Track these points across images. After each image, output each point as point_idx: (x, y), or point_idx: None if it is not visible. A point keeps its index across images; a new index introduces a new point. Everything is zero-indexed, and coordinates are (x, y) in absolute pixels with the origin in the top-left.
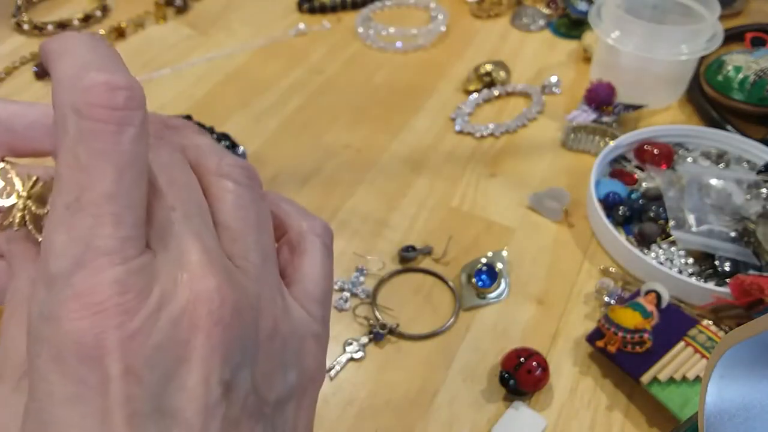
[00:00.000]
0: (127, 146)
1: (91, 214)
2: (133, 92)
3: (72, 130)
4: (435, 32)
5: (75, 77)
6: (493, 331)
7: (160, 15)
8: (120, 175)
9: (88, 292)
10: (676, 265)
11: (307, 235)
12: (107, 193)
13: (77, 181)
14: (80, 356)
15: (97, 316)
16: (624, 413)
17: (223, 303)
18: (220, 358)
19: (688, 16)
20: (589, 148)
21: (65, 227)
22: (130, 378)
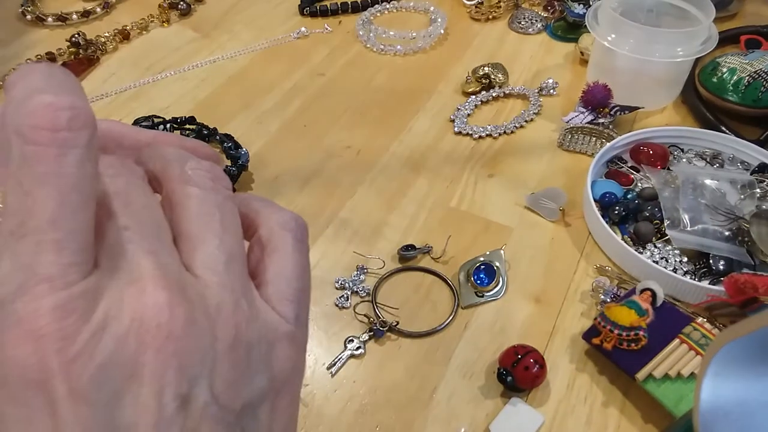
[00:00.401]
0: (71, 170)
1: (34, 241)
2: (78, 112)
3: (16, 154)
4: (434, 35)
5: (21, 101)
6: (491, 329)
7: (164, 18)
8: (63, 200)
9: (28, 318)
10: (671, 264)
11: (277, 231)
12: (50, 219)
13: (21, 207)
14: (24, 381)
15: (38, 341)
16: (620, 409)
17: (174, 316)
18: (174, 371)
19: (684, 18)
20: (586, 149)
21: (9, 254)
22: (76, 399)
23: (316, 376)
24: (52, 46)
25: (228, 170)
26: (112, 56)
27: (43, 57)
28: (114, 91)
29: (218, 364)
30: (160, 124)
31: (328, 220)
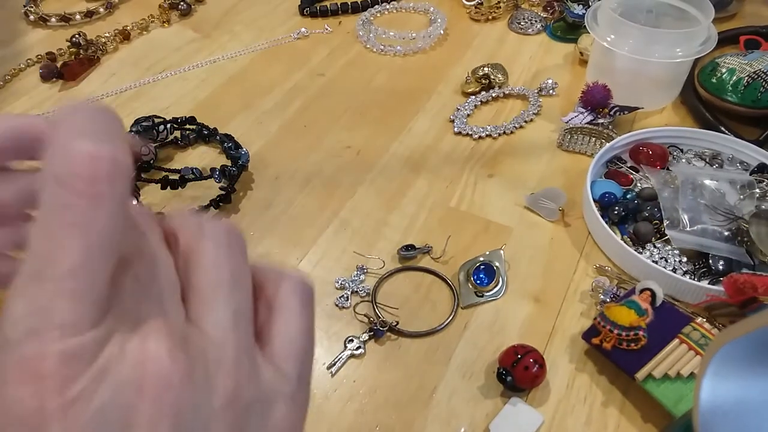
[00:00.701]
0: (101, 223)
1: (53, 288)
2: (117, 165)
3: (48, 197)
4: (434, 35)
5: (62, 145)
6: (490, 329)
7: (165, 18)
8: (88, 252)
9: (34, 361)
10: (671, 264)
11: (285, 293)
12: (72, 268)
13: (45, 252)
14: (21, 422)
15: (39, 384)
16: (619, 409)
17: (174, 367)
18: (168, 423)
19: (683, 19)
20: (585, 150)
21: (26, 297)
22: None
23: (316, 376)
24: (53, 46)
25: (228, 170)
26: (112, 56)
27: (44, 57)
28: (114, 91)
29: (214, 421)
30: (160, 124)
31: (328, 220)
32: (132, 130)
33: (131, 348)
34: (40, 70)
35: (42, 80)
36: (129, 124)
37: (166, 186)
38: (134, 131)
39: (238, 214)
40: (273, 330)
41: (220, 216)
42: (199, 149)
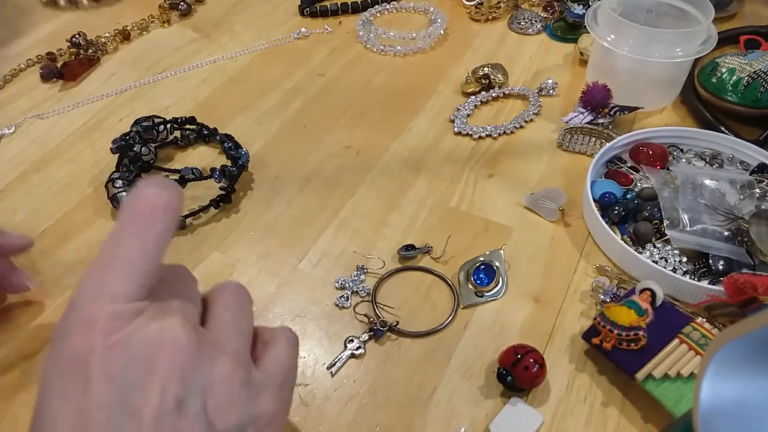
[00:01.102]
0: (153, 235)
1: (113, 271)
2: (171, 204)
3: (122, 215)
4: (434, 35)
5: (139, 188)
6: (491, 329)
7: (165, 18)
8: (141, 251)
9: (90, 315)
10: (671, 264)
11: (277, 334)
12: (128, 259)
13: (112, 248)
14: (73, 359)
15: (91, 331)
16: (619, 409)
17: (186, 337)
18: (177, 377)
19: (683, 19)
20: (585, 149)
21: (93, 275)
22: (106, 378)
23: (316, 375)
24: (53, 46)
25: (228, 170)
26: (112, 56)
27: (44, 57)
28: (114, 91)
29: (213, 387)
30: (160, 124)
31: (328, 220)
32: (132, 130)
33: (158, 320)
34: (40, 70)
35: (42, 80)
36: (129, 124)
37: None
38: (134, 131)
39: (238, 214)
40: (265, 355)
41: None
42: (199, 149)
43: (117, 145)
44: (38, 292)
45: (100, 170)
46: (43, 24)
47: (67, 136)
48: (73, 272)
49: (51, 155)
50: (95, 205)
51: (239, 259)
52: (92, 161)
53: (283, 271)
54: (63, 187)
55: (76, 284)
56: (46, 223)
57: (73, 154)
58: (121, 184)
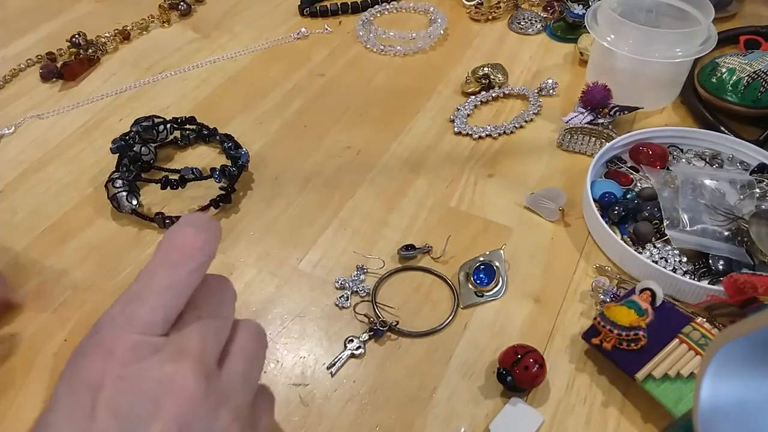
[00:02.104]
0: (185, 271)
1: (142, 302)
2: (208, 246)
3: (160, 250)
4: (434, 35)
5: (178, 225)
6: (491, 329)
7: (165, 18)
8: (171, 285)
9: (110, 341)
10: (671, 264)
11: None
12: (158, 292)
13: (145, 279)
14: (85, 382)
15: (108, 357)
16: (619, 409)
17: (195, 389)
18: (179, 424)
19: (683, 19)
20: (585, 149)
21: (122, 301)
22: (110, 410)
23: (316, 376)
24: (53, 46)
25: (228, 170)
26: (112, 56)
27: (44, 57)
28: (114, 91)
29: None
30: (160, 124)
31: (328, 220)
32: (132, 130)
33: (172, 361)
34: (40, 70)
35: (42, 80)
36: (129, 124)
37: (166, 186)
38: (134, 131)
39: (238, 214)
40: None
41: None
42: (199, 149)
43: (117, 145)
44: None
45: (100, 170)
46: (43, 24)
47: (67, 136)
48: (73, 272)
49: (51, 155)
50: (95, 205)
51: (239, 259)
52: (92, 161)
53: (283, 271)
54: (63, 187)
55: (76, 284)
56: (46, 223)
57: (73, 154)
58: (121, 184)
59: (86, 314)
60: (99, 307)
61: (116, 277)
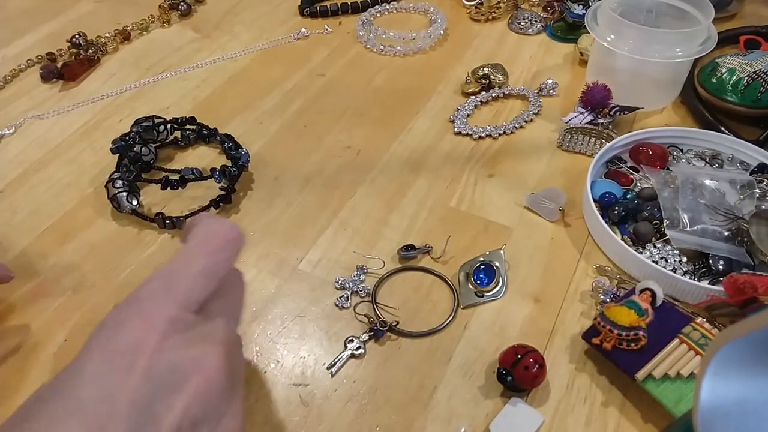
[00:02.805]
0: (221, 261)
1: (181, 282)
2: (239, 242)
3: (198, 235)
4: (434, 36)
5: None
6: (491, 329)
7: (165, 19)
8: (203, 270)
9: (152, 315)
10: (671, 264)
11: None
12: (195, 274)
13: (180, 263)
14: (126, 346)
15: (150, 327)
16: (619, 409)
17: (222, 369)
18: (202, 402)
19: (683, 19)
20: (585, 150)
21: (161, 278)
22: (146, 374)
23: (316, 376)
24: (53, 46)
25: (228, 170)
26: (112, 57)
27: (44, 57)
28: (114, 91)
29: (222, 419)
30: (160, 124)
31: (327, 219)
32: (132, 131)
33: (206, 343)
34: (40, 71)
35: (42, 80)
36: (129, 124)
37: (166, 186)
38: (134, 131)
39: (238, 214)
40: None
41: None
42: (199, 149)
43: (117, 145)
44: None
45: (100, 170)
46: (43, 24)
47: (67, 136)
48: (73, 272)
49: (51, 155)
50: (95, 205)
51: (239, 259)
52: (92, 161)
53: (283, 271)
54: (63, 187)
55: (76, 284)
56: (46, 223)
57: (73, 154)
58: (121, 184)
59: (86, 314)
60: (99, 307)
61: (116, 277)
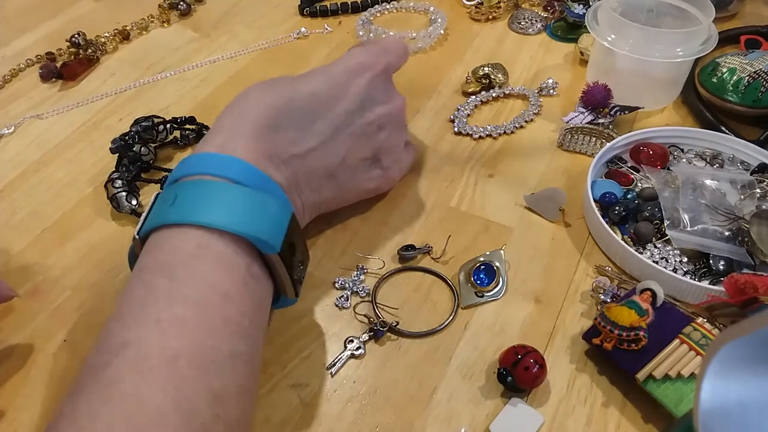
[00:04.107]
0: (397, 60)
1: (390, 53)
2: (406, 52)
3: (377, 46)
4: (434, 35)
5: (392, 41)
6: (491, 329)
7: (164, 18)
8: (386, 66)
9: (361, 56)
10: (671, 264)
11: None
12: (386, 65)
13: (367, 57)
14: (350, 67)
15: (366, 70)
16: (620, 410)
17: (378, 63)
18: (366, 90)
19: (683, 19)
20: (586, 149)
21: (342, 66)
22: (360, 91)
23: (316, 376)
24: (52, 46)
25: None
26: (112, 56)
27: (43, 57)
28: (114, 91)
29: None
30: (160, 124)
31: (328, 219)
32: (131, 130)
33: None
34: (39, 70)
35: (41, 80)
36: (129, 124)
37: None
38: (134, 131)
39: None
40: None
41: None
42: None
43: (116, 145)
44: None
45: (100, 170)
46: (43, 24)
47: (67, 136)
48: (73, 272)
49: (50, 155)
50: (95, 205)
51: None
52: (92, 161)
53: None
54: (62, 187)
55: (76, 284)
56: (46, 223)
57: (73, 154)
58: (120, 184)
59: (86, 314)
60: (98, 307)
61: (116, 277)
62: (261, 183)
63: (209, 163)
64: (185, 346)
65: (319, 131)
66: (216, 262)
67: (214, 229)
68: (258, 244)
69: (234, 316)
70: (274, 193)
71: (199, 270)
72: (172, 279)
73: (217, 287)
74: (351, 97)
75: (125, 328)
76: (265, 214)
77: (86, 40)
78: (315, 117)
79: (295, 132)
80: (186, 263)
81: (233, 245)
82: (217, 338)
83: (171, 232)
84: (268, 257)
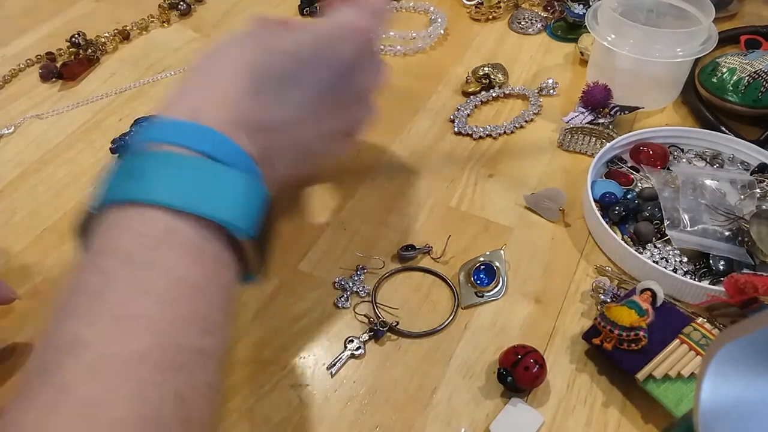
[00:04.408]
0: (370, 19)
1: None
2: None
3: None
4: (434, 35)
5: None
6: (491, 329)
7: (164, 18)
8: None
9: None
10: (671, 264)
11: None
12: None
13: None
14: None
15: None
16: (620, 410)
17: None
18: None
19: (683, 19)
20: (586, 149)
21: (333, 20)
22: None
23: (316, 376)
24: (53, 46)
25: None
26: (112, 56)
27: (43, 57)
28: (114, 91)
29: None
30: None
31: (328, 219)
32: (131, 130)
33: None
34: (39, 70)
35: (41, 80)
36: (129, 124)
37: None
38: (134, 131)
39: None
40: None
41: None
42: None
43: (116, 144)
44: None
45: (100, 170)
46: (43, 24)
47: (67, 136)
48: None
49: (50, 155)
50: None
51: None
52: (92, 161)
53: (283, 271)
54: (62, 187)
55: None
56: (46, 223)
57: (73, 154)
58: None
59: None
60: None
61: None
62: (237, 159)
63: (180, 133)
64: (150, 347)
65: (299, 99)
66: (185, 250)
67: (183, 212)
68: (232, 230)
69: (203, 310)
70: (250, 170)
71: (166, 259)
72: (134, 267)
73: (185, 279)
74: (337, 63)
75: (79, 322)
76: (240, 197)
77: (86, 40)
78: (296, 82)
79: (273, 98)
80: (151, 250)
81: (203, 230)
82: (186, 336)
83: (135, 211)
84: (241, 242)
